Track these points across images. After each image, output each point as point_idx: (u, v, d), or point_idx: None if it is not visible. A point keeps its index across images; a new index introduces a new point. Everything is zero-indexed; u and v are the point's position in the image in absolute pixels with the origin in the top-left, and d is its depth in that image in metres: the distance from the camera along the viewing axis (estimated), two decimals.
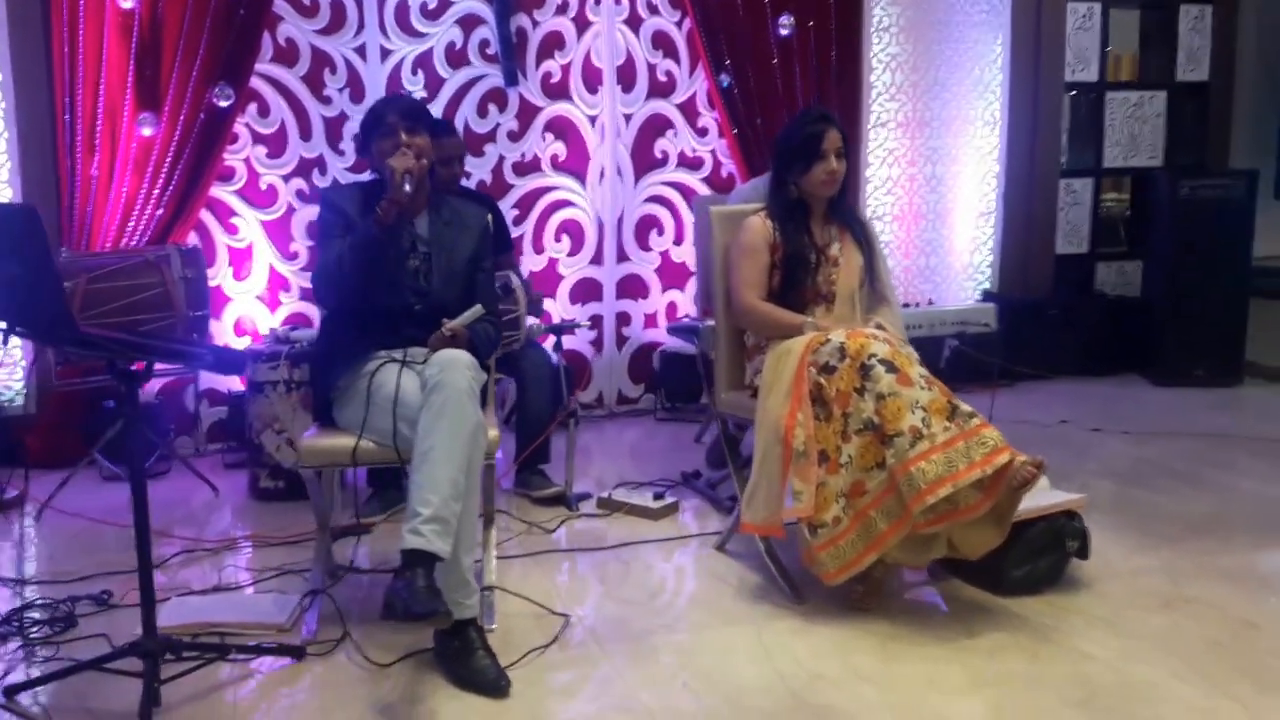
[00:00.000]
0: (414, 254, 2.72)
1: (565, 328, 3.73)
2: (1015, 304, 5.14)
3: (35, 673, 2.29)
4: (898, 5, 5.06)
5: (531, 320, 3.54)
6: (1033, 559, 2.72)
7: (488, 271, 2.84)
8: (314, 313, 4.35)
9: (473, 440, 2.33)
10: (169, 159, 4.00)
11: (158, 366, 3.71)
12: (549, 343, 3.79)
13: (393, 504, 3.42)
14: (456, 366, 2.36)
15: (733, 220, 3.02)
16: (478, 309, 2.59)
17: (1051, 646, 2.43)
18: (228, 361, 2.12)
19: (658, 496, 3.39)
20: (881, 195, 5.13)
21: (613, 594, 2.80)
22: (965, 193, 5.32)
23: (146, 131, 3.97)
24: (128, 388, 2.11)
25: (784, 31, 4.63)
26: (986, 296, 5.30)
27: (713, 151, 4.79)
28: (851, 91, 4.87)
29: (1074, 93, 5.41)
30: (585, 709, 2.22)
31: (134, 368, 2.09)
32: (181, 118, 3.99)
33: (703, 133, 4.76)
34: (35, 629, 2.52)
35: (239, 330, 4.28)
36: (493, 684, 2.24)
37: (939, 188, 5.28)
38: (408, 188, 2.52)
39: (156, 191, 4.00)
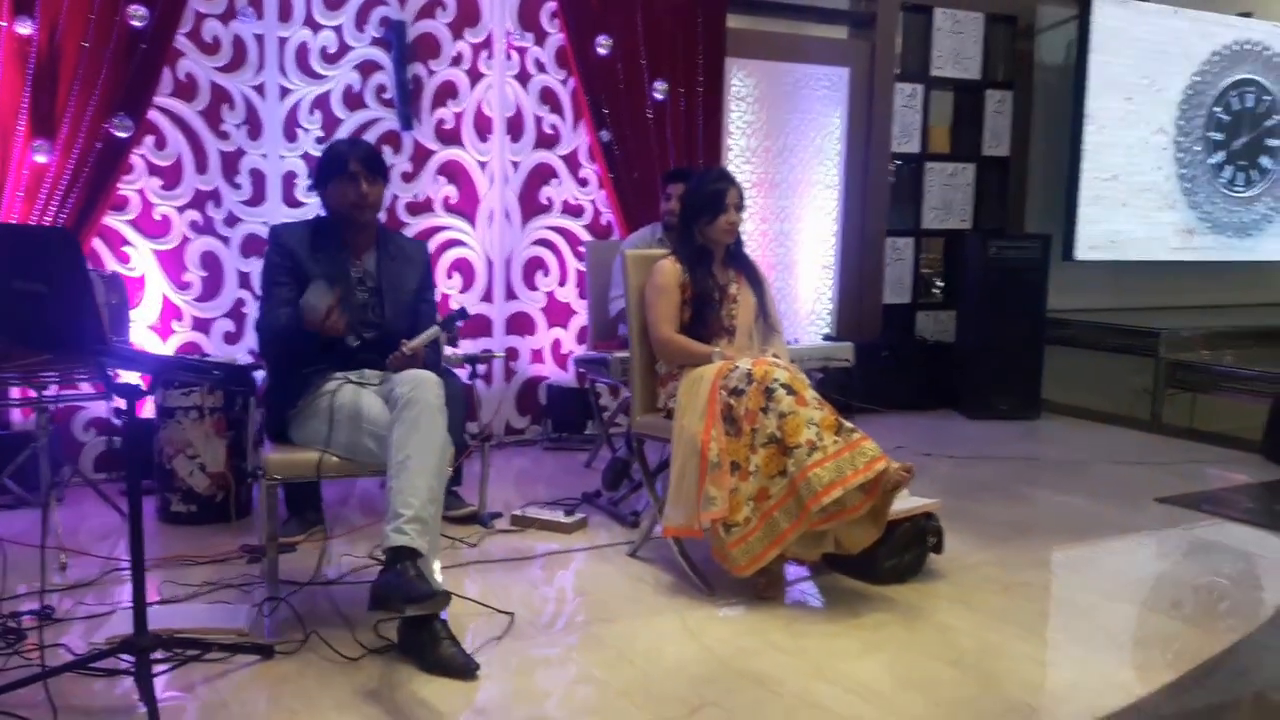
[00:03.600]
0: (362, 288, 2.97)
1: (483, 358, 4.01)
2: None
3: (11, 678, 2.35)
4: (753, 78, 5.65)
5: (449, 349, 3.80)
6: (900, 553, 3.21)
7: (429, 301, 3.13)
8: (204, 342, 4.43)
9: (443, 451, 2.60)
10: (62, 186, 4.02)
11: (64, 391, 3.75)
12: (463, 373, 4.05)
13: (310, 525, 3.58)
14: (427, 384, 2.63)
15: (645, 263, 3.42)
16: (435, 330, 2.87)
17: (922, 621, 2.93)
18: (237, 378, 2.30)
19: (569, 513, 3.70)
20: None
21: (546, 596, 3.10)
22: (808, 248, 5.94)
23: (41, 158, 3.98)
24: (129, 402, 2.27)
25: (658, 96, 5.10)
26: (826, 340, 5.91)
27: (593, 201, 5.17)
28: (714, 152, 5.36)
29: (899, 162, 6.16)
30: (549, 683, 2.52)
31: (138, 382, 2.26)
32: (77, 146, 4.02)
33: (584, 183, 5.15)
34: None
35: None
36: (463, 667, 2.48)
37: (786, 243, 5.88)
38: (338, 319, 2.74)
39: (48, 219, 4.01)
